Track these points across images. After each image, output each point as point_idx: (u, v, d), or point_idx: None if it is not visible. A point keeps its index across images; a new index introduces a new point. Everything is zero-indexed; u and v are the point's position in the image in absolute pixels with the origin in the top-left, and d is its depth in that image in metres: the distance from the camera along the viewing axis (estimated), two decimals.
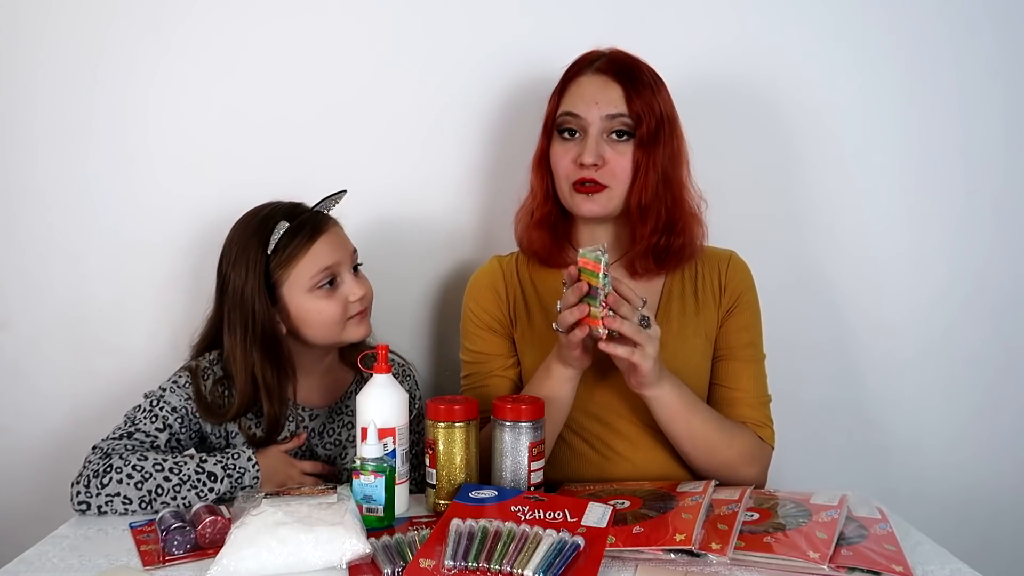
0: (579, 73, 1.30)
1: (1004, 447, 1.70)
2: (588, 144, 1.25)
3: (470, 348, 1.39)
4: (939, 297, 1.66)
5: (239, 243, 1.30)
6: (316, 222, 1.31)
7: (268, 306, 1.27)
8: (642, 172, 1.26)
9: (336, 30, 1.56)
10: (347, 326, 1.32)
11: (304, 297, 1.29)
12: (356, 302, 1.31)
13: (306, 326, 1.30)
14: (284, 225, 1.27)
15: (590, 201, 1.28)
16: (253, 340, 1.28)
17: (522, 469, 1.16)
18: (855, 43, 1.61)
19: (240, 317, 1.28)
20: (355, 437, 1.36)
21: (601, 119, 1.25)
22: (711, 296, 1.35)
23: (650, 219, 1.28)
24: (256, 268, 1.27)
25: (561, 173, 1.29)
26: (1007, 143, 1.64)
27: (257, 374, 1.28)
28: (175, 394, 1.29)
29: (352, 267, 1.33)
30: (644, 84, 1.27)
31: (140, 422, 1.27)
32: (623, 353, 1.13)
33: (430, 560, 0.96)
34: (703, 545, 1.01)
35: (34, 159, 1.55)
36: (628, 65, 1.29)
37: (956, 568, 1.02)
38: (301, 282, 1.28)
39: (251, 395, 1.29)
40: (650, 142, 1.26)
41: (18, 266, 1.57)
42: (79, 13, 1.53)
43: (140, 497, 1.18)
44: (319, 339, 1.32)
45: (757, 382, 1.34)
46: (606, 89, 1.26)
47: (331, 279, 1.30)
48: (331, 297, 1.30)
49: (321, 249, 1.29)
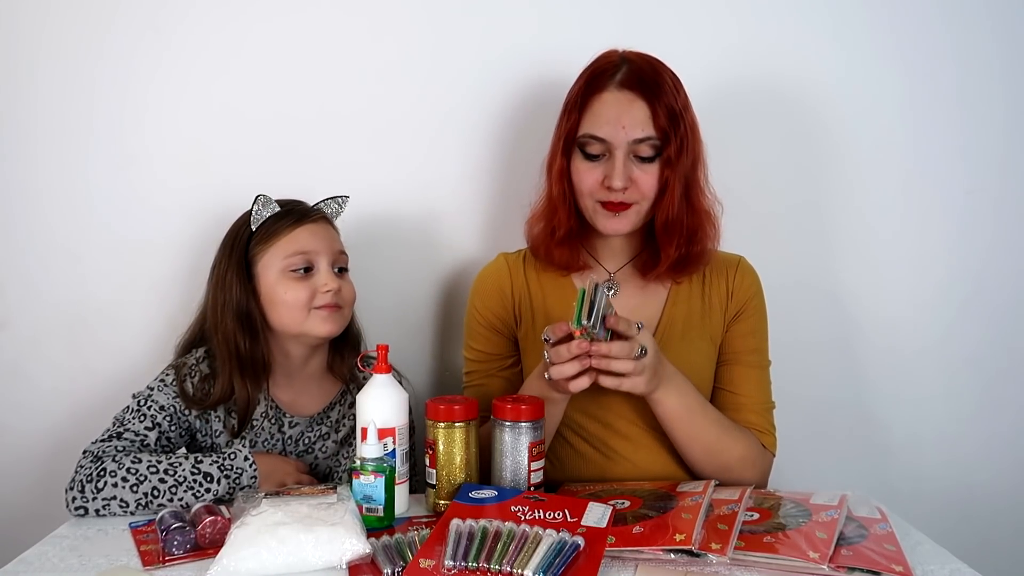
0: (601, 88, 1.24)
1: (1004, 447, 1.70)
2: (616, 167, 1.22)
3: (473, 347, 1.39)
4: (939, 297, 1.67)
5: (234, 225, 1.35)
6: (304, 211, 1.34)
7: (243, 279, 1.31)
8: (669, 190, 1.24)
9: (341, 28, 1.56)
10: (312, 316, 1.30)
11: (276, 277, 1.30)
12: (327, 293, 1.30)
13: (273, 307, 1.31)
14: (271, 203, 1.31)
15: (616, 220, 1.26)
16: (228, 309, 1.30)
17: (522, 469, 1.16)
18: (855, 43, 1.61)
19: (221, 290, 1.31)
20: (328, 447, 1.38)
21: (628, 143, 1.22)
22: (718, 301, 1.35)
23: (675, 235, 1.27)
24: (238, 243, 1.32)
25: (585, 191, 1.26)
26: (1007, 143, 1.64)
27: (231, 343, 1.30)
28: (163, 392, 1.30)
29: (334, 265, 1.33)
30: (667, 93, 1.22)
31: (129, 422, 1.27)
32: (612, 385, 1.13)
33: (430, 560, 0.96)
34: (703, 545, 1.01)
35: (33, 159, 1.55)
36: (651, 76, 1.23)
37: (956, 568, 1.02)
38: (275, 262, 1.30)
39: (229, 372, 1.30)
40: (676, 158, 1.23)
41: (17, 266, 1.57)
42: (79, 13, 1.52)
43: (136, 500, 1.18)
44: (283, 325, 1.31)
45: (761, 388, 1.34)
46: (632, 109, 1.21)
47: (306, 267, 1.31)
48: (302, 282, 1.30)
49: (302, 235, 1.31)
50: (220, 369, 1.31)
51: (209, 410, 1.32)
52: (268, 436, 1.35)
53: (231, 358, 1.30)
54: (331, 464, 1.39)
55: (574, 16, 1.57)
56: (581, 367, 1.11)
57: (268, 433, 1.35)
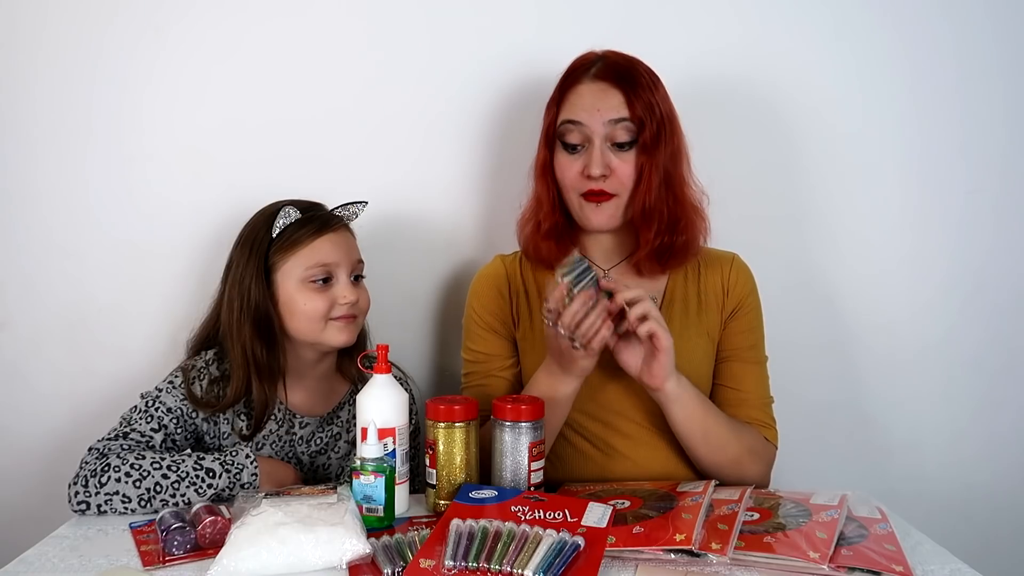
0: (577, 80, 1.29)
1: (1004, 447, 1.70)
2: (594, 155, 1.25)
3: (472, 347, 1.39)
4: (939, 297, 1.66)
5: (250, 226, 1.34)
6: (326, 219, 1.33)
7: (264, 286, 1.30)
8: (645, 176, 1.26)
9: (339, 30, 1.56)
10: (329, 327, 1.31)
11: (296, 287, 1.30)
12: (345, 304, 1.31)
13: (291, 316, 1.31)
14: (292, 212, 1.30)
15: (600, 212, 1.28)
16: (246, 315, 1.29)
17: (522, 469, 1.16)
18: (855, 43, 1.61)
19: (238, 294, 1.30)
20: (341, 447, 1.38)
21: (604, 124, 1.25)
22: (714, 298, 1.36)
23: (654, 221, 1.29)
24: (258, 249, 1.30)
25: (568, 184, 1.30)
26: (1007, 143, 1.64)
27: (248, 350, 1.29)
28: (171, 394, 1.30)
29: (352, 274, 1.34)
30: (643, 86, 1.26)
31: (136, 422, 1.27)
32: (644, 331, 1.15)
33: (430, 560, 0.96)
34: (703, 545, 1.01)
35: (33, 160, 1.55)
36: (626, 68, 1.28)
37: (956, 568, 1.02)
38: (296, 272, 1.30)
39: (245, 376, 1.29)
40: (653, 145, 1.26)
41: (17, 267, 1.57)
42: (78, 14, 1.52)
43: (139, 495, 1.18)
44: (300, 333, 1.32)
45: (760, 383, 1.35)
46: (606, 95, 1.26)
47: (326, 277, 1.31)
48: (321, 293, 1.30)
49: (323, 245, 1.30)
50: (234, 372, 1.30)
51: (218, 413, 1.32)
52: (276, 439, 1.35)
53: (248, 363, 1.29)
54: (344, 464, 1.39)
55: (568, 16, 1.56)
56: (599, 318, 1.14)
57: (276, 436, 1.35)
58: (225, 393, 1.30)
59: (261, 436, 1.34)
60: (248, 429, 1.32)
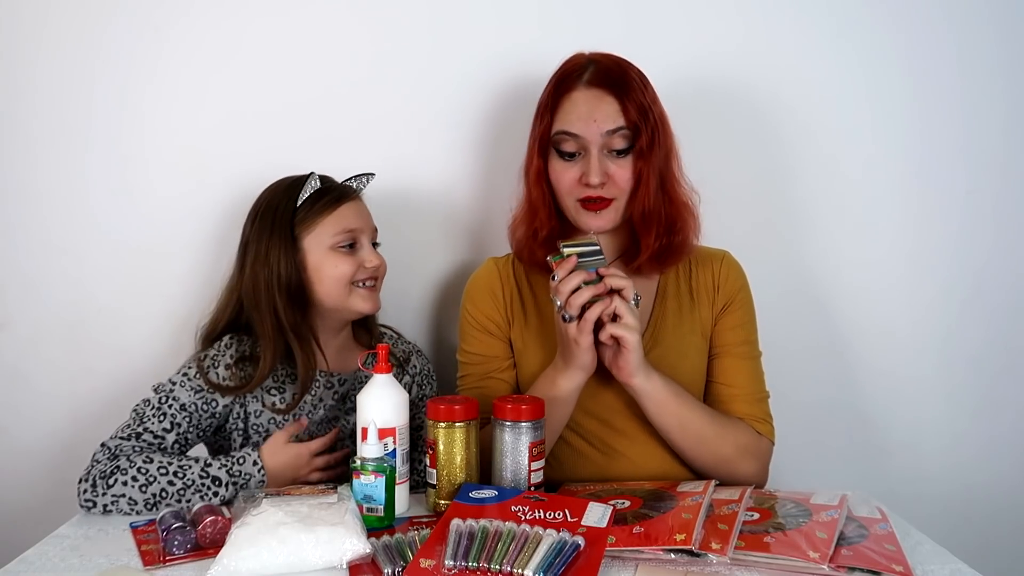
0: (570, 88, 1.28)
1: (1004, 447, 1.70)
2: (592, 163, 1.25)
3: (467, 350, 1.39)
4: (939, 297, 1.67)
5: (267, 199, 1.37)
6: (345, 189, 1.38)
7: (292, 254, 1.32)
8: (644, 181, 1.27)
9: (338, 29, 1.56)
10: (354, 292, 1.35)
11: (324, 252, 1.33)
12: (370, 267, 1.36)
13: (319, 282, 1.34)
14: (316, 178, 1.34)
15: (599, 218, 1.29)
16: (277, 286, 1.31)
17: (522, 469, 1.16)
18: (855, 44, 1.61)
19: (264, 267, 1.32)
20: None
21: (601, 135, 1.25)
22: (705, 294, 1.36)
23: (652, 224, 1.29)
24: (281, 219, 1.33)
25: (564, 190, 1.30)
26: (1007, 143, 1.64)
27: (283, 319, 1.31)
28: (184, 388, 1.30)
29: (372, 240, 1.39)
30: (636, 90, 1.26)
31: (148, 420, 1.27)
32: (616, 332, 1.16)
33: (430, 560, 0.96)
34: (703, 545, 1.01)
35: (32, 159, 1.55)
36: (618, 73, 1.28)
37: (956, 568, 1.02)
38: (323, 239, 1.33)
39: (281, 347, 1.31)
40: (648, 149, 1.26)
41: (17, 267, 1.57)
42: (78, 13, 1.53)
43: (144, 500, 1.19)
44: (327, 298, 1.34)
45: (753, 378, 1.35)
46: (601, 104, 1.25)
47: (351, 243, 1.35)
48: (348, 257, 1.34)
49: (347, 212, 1.35)
50: (265, 347, 1.31)
51: (246, 394, 1.32)
52: (319, 402, 1.36)
53: (283, 333, 1.32)
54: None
55: (564, 18, 1.57)
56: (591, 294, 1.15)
57: (319, 399, 1.36)
58: (254, 372, 1.31)
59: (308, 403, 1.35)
60: (283, 403, 1.34)
